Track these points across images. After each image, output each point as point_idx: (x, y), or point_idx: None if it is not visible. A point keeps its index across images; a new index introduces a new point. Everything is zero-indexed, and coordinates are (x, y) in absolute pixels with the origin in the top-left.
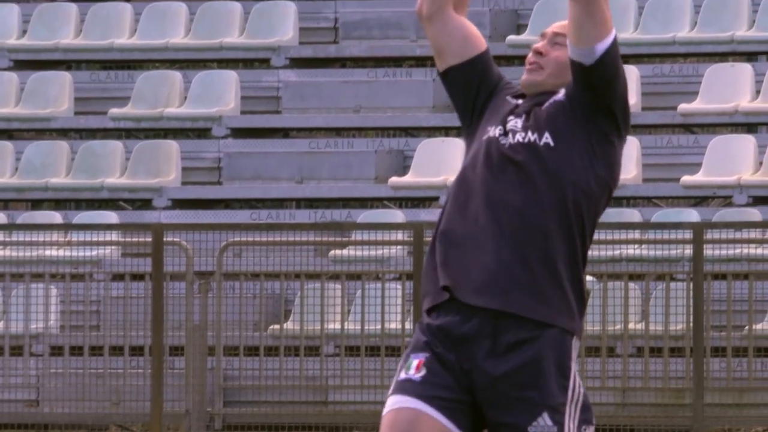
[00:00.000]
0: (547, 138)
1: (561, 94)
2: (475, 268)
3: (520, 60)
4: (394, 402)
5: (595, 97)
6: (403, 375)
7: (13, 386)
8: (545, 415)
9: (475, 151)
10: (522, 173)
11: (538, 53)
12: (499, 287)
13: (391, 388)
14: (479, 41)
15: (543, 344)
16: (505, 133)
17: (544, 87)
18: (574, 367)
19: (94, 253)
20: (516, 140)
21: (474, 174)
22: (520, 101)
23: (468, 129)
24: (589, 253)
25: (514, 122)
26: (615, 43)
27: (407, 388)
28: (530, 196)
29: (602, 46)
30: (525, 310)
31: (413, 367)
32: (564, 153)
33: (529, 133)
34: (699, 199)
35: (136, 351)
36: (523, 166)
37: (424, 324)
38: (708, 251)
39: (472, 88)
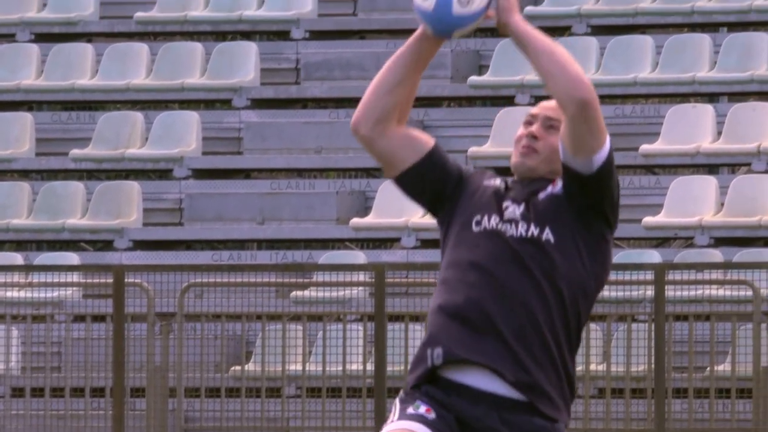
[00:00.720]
0: (548, 234)
1: (558, 187)
2: (481, 354)
3: (482, 100)
4: (402, 425)
5: (591, 201)
6: (411, 410)
7: None
8: None
9: (472, 240)
10: (525, 267)
11: (533, 137)
12: (507, 376)
13: (396, 415)
14: (426, 139)
15: None
16: (504, 221)
17: (537, 172)
18: None
19: (56, 294)
20: (519, 233)
21: (474, 262)
22: (505, 184)
23: (444, 217)
24: None
25: (512, 211)
26: (611, 151)
27: (419, 419)
28: (533, 290)
29: (600, 156)
30: (536, 400)
31: (423, 409)
32: (564, 251)
33: (532, 227)
34: (661, 240)
35: (97, 392)
36: (526, 260)
37: (422, 390)
38: (669, 292)
39: (435, 181)
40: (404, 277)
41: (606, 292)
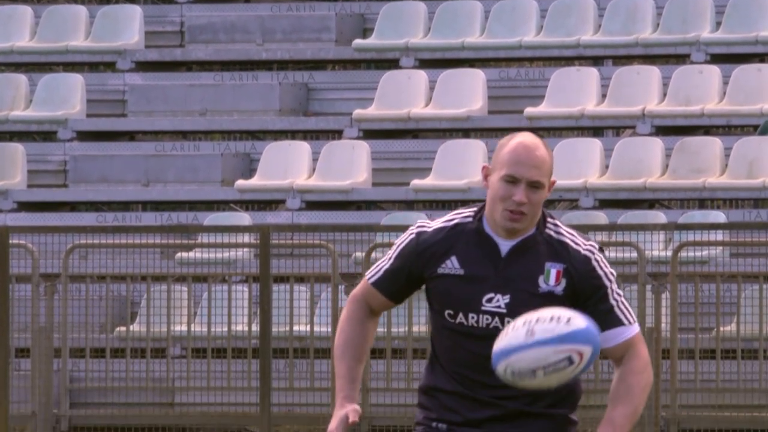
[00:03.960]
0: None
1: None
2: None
3: (366, 63)
4: None
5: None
6: None
7: None
8: None
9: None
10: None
11: (522, 204)
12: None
13: None
14: (397, 289)
15: None
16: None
17: (523, 231)
18: None
19: None
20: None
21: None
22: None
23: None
24: None
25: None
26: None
27: None
28: None
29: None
30: None
31: None
32: None
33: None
34: (546, 202)
35: None
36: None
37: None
38: None
39: (413, 282)
40: (289, 239)
41: None
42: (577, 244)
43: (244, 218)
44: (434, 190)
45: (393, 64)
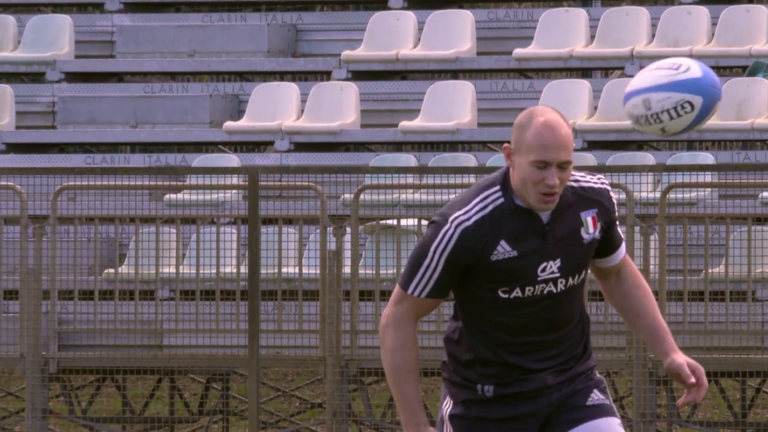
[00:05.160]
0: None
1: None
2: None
3: (355, 4)
4: None
5: None
6: None
7: None
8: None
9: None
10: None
11: (554, 186)
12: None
13: None
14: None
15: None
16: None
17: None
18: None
19: None
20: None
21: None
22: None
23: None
24: (425, 197)
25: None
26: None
27: None
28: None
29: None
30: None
31: None
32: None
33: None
34: None
35: None
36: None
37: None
38: None
39: (463, 274)
40: (278, 181)
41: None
42: (594, 183)
43: (232, 160)
44: (423, 131)
45: (382, 5)
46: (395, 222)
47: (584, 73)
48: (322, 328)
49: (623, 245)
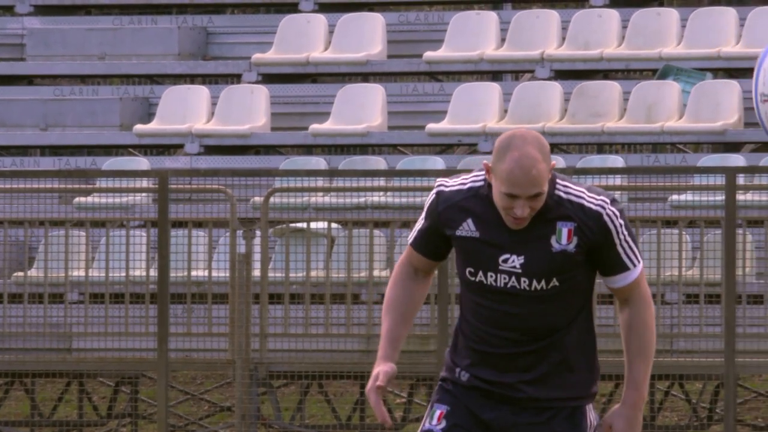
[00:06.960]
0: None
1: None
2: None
3: (266, 7)
4: None
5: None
6: (426, 425)
7: None
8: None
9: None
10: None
11: (522, 216)
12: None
13: None
14: (436, 251)
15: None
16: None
17: None
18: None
19: None
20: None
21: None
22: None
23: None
24: (336, 200)
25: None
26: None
27: None
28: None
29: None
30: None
31: (435, 417)
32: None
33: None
34: (444, 146)
35: None
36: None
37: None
38: None
39: (444, 239)
40: (188, 183)
41: (390, 198)
42: (587, 200)
43: (142, 163)
44: (333, 134)
45: (292, 8)
46: (305, 225)
47: (495, 76)
48: (231, 331)
49: (630, 274)
